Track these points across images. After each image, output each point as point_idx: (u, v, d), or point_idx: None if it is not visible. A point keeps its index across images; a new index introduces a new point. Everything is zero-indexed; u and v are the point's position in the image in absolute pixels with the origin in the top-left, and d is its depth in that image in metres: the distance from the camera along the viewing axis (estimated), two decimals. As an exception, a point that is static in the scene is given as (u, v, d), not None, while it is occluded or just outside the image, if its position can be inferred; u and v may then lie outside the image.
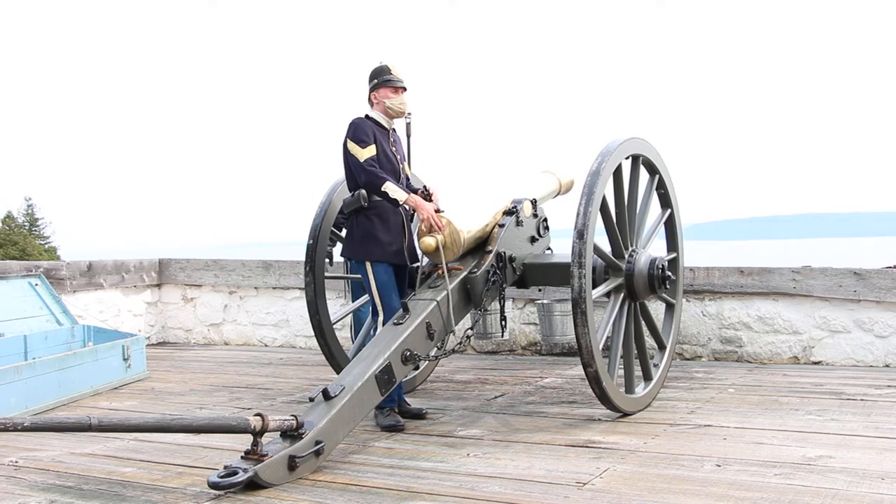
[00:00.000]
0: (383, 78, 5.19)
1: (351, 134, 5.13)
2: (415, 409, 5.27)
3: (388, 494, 3.77)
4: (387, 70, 5.20)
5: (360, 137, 5.10)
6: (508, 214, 5.56)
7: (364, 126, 5.14)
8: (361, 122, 5.17)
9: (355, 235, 5.22)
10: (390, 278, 5.19)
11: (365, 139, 5.09)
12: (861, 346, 6.72)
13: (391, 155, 5.21)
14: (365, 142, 5.09)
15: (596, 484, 3.82)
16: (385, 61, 5.22)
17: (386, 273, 5.17)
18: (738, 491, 3.65)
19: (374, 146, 5.10)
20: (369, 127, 5.15)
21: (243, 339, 9.18)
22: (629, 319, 5.31)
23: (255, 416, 3.94)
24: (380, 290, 5.17)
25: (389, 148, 5.23)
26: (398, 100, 5.19)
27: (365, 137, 5.09)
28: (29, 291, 7.26)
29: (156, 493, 3.91)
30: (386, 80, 5.18)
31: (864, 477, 3.78)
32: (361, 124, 5.15)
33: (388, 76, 5.19)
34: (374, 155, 5.08)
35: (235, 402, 5.99)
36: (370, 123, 5.17)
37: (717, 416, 5.06)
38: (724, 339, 7.13)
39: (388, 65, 5.21)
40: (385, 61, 5.22)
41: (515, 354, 7.80)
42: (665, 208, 5.91)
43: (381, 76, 5.20)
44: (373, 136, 5.13)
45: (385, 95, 5.18)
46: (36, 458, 4.55)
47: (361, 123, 5.15)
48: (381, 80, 5.20)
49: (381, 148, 5.14)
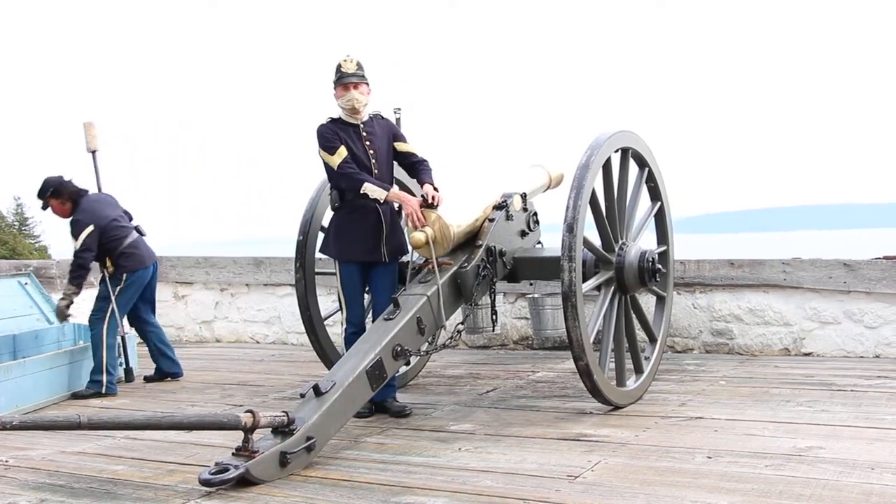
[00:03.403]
0: (336, 77, 5.16)
1: (319, 143, 5.16)
2: (397, 408, 5.22)
3: (380, 490, 3.77)
4: (338, 69, 5.15)
5: (326, 145, 5.12)
6: (498, 209, 5.56)
7: (325, 131, 5.14)
8: (323, 127, 5.16)
9: (329, 234, 5.34)
10: (354, 280, 5.23)
11: (330, 144, 5.10)
12: (851, 338, 6.74)
13: (360, 153, 5.15)
14: (332, 147, 5.09)
15: (587, 477, 3.82)
16: (340, 59, 5.16)
17: (352, 274, 5.23)
18: (729, 482, 3.66)
19: (343, 147, 5.09)
20: (331, 130, 5.14)
21: (235, 337, 9.16)
22: (620, 313, 5.31)
23: (246, 413, 3.94)
24: (343, 290, 5.26)
25: (361, 144, 5.17)
26: (346, 97, 5.11)
27: (330, 143, 5.10)
28: (18, 290, 7.22)
29: (147, 490, 3.90)
30: (337, 78, 5.15)
31: (854, 467, 3.80)
32: (323, 131, 5.15)
33: (338, 75, 5.14)
34: (347, 155, 5.08)
35: (227, 399, 5.98)
36: (332, 126, 5.16)
37: (708, 408, 5.07)
38: (715, 332, 7.15)
39: (340, 61, 5.15)
40: (340, 59, 5.16)
41: (507, 349, 7.81)
42: (655, 201, 5.91)
43: (335, 75, 5.17)
44: (338, 137, 5.12)
45: (338, 95, 5.16)
46: (26, 457, 4.54)
47: (323, 130, 5.15)
48: (335, 79, 5.16)
49: (349, 148, 5.12)
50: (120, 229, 6.50)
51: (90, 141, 6.97)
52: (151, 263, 6.68)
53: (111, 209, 6.59)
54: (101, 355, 6.32)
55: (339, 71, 5.14)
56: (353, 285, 5.26)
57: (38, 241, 55.45)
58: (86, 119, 7.03)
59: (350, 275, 5.25)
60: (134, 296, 6.61)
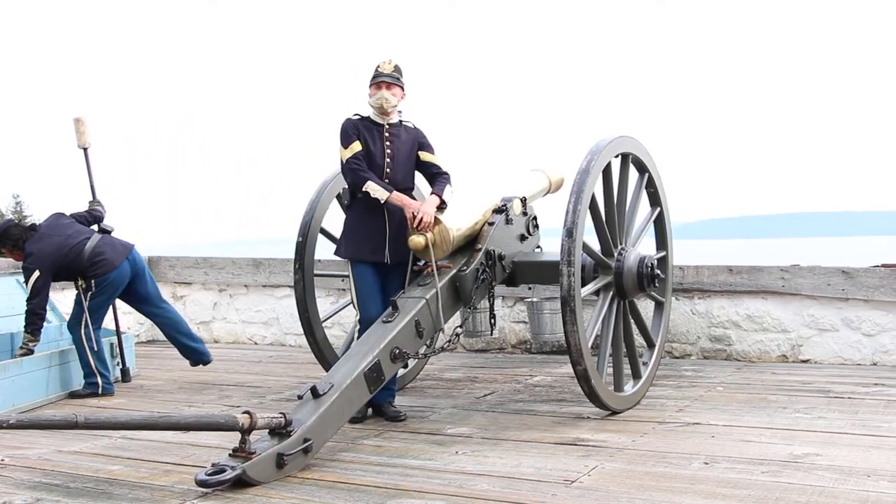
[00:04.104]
0: (372, 75, 5.25)
1: (339, 138, 5.21)
2: (392, 413, 5.20)
3: (377, 492, 3.77)
4: (376, 69, 5.25)
5: (343, 137, 5.18)
6: (498, 212, 5.56)
7: (347, 125, 5.19)
8: (347, 121, 5.22)
9: (342, 233, 5.32)
10: (369, 279, 5.19)
11: (347, 138, 5.15)
12: (849, 345, 6.75)
13: (376, 152, 5.17)
14: (347, 141, 5.14)
15: (584, 482, 3.82)
16: (381, 59, 5.27)
17: (363, 273, 5.19)
18: (726, 489, 3.66)
19: (357, 143, 5.13)
20: (353, 125, 5.19)
21: (233, 338, 9.16)
22: (618, 317, 5.31)
23: (244, 414, 3.94)
24: (357, 290, 5.22)
25: (380, 144, 5.20)
26: (377, 96, 5.18)
27: (347, 137, 5.15)
28: (17, 289, 7.21)
29: (143, 490, 3.89)
30: (372, 77, 5.23)
31: (851, 474, 3.80)
32: (346, 124, 5.21)
33: (375, 73, 5.23)
34: (359, 151, 5.11)
35: (224, 400, 5.97)
36: (357, 121, 5.21)
37: (705, 414, 5.07)
38: (713, 338, 7.15)
39: (380, 62, 5.25)
40: (381, 59, 5.27)
41: (505, 352, 7.80)
42: (654, 207, 5.92)
43: (372, 73, 5.25)
44: (357, 133, 5.15)
45: (371, 93, 5.23)
46: (23, 456, 4.53)
47: (346, 124, 5.21)
48: (371, 78, 5.25)
49: (366, 145, 5.15)
50: (75, 247, 6.20)
51: (80, 137, 6.80)
52: (123, 260, 6.34)
53: (59, 232, 6.26)
54: (87, 359, 6.23)
55: (376, 70, 5.22)
56: (365, 285, 5.18)
57: (36, 239, 55.41)
58: (75, 114, 6.79)
59: (361, 275, 5.19)
60: (110, 298, 6.40)
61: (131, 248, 6.51)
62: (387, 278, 5.26)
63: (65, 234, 6.27)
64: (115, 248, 6.38)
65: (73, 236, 6.28)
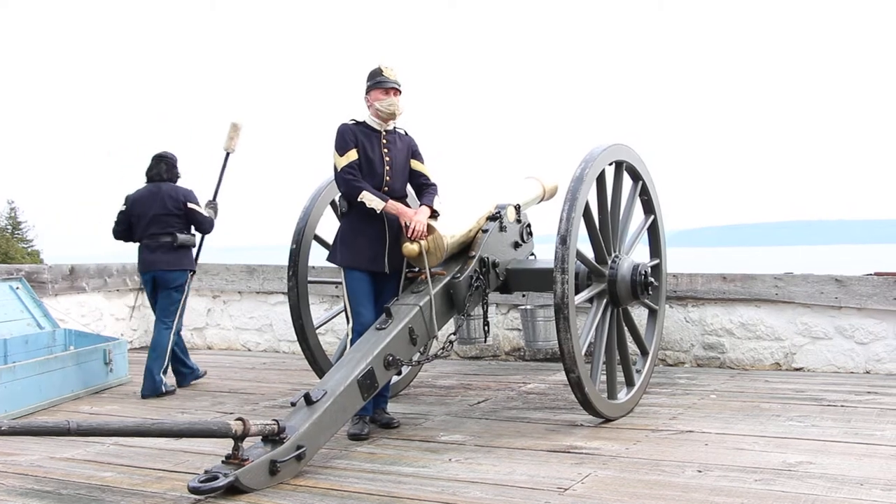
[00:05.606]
0: (375, 80, 5.13)
1: (334, 143, 5.11)
2: (386, 419, 5.18)
3: (370, 499, 3.77)
4: (379, 72, 5.14)
5: (339, 145, 5.08)
6: (492, 220, 5.57)
7: (344, 132, 5.09)
8: (343, 127, 5.12)
9: (336, 240, 5.25)
10: (362, 286, 5.12)
11: (343, 145, 5.06)
12: (842, 353, 6.76)
13: (376, 159, 5.11)
14: (344, 148, 5.05)
15: (577, 489, 3.82)
16: (380, 63, 5.17)
17: (358, 281, 5.11)
18: (719, 497, 3.66)
19: (354, 151, 5.05)
20: (350, 131, 5.09)
21: (226, 344, 9.15)
22: (612, 325, 5.32)
23: (237, 421, 3.93)
24: (349, 297, 5.14)
25: (379, 151, 5.13)
26: (387, 101, 5.09)
27: (343, 144, 5.06)
28: (10, 295, 7.20)
29: (136, 497, 3.88)
30: (377, 81, 5.11)
31: (844, 483, 3.80)
32: (343, 131, 5.10)
33: (380, 77, 5.12)
34: (354, 160, 5.03)
35: (218, 407, 5.96)
36: (354, 127, 5.12)
37: (698, 422, 5.08)
38: (707, 346, 7.16)
39: (381, 66, 5.15)
40: (380, 63, 5.17)
41: (498, 360, 7.80)
42: (648, 214, 5.93)
43: (374, 78, 5.14)
44: (354, 140, 5.07)
45: (375, 97, 5.11)
46: (15, 463, 4.52)
47: (343, 130, 5.11)
48: (374, 82, 5.13)
49: (364, 152, 5.09)
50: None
51: (230, 141, 6.96)
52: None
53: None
54: (178, 355, 6.99)
55: (381, 75, 5.11)
56: (358, 293, 5.11)
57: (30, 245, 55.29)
58: (234, 119, 6.98)
59: (355, 282, 5.11)
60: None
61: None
62: (382, 285, 5.23)
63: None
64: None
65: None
